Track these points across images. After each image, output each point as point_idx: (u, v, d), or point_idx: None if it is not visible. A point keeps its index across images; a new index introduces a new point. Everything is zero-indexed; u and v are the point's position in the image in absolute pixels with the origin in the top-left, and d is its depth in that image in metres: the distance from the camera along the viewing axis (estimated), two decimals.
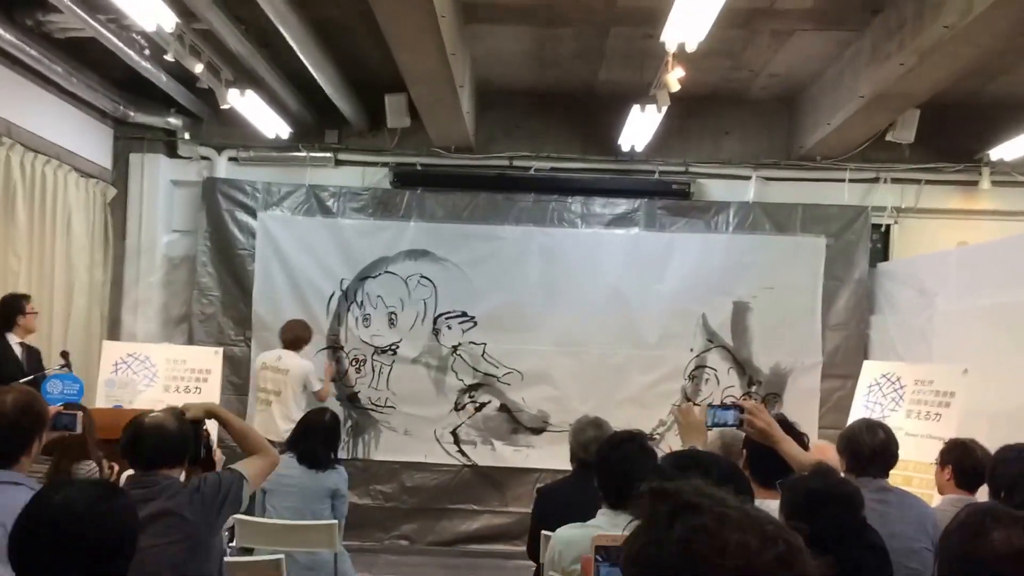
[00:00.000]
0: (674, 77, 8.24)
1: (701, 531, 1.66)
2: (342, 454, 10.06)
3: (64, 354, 8.85)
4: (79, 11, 8.01)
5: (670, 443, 9.94)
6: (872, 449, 5.28)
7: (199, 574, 4.26)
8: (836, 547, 3.69)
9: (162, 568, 3.76)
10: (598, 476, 4.69)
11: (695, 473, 3.05)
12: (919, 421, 8.83)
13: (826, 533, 3.69)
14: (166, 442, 4.39)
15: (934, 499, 7.08)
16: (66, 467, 5.85)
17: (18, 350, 8.61)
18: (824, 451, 6.06)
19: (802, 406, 10.60)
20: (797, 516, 3.82)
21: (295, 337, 10.09)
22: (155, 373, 9.96)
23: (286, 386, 9.88)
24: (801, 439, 5.06)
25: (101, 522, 2.94)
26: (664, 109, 9.07)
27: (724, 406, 4.57)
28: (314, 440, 7.00)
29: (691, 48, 7.42)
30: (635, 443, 4.73)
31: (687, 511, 1.70)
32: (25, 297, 8.79)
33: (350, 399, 11.08)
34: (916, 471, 8.35)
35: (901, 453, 6.37)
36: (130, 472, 4.60)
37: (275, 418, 9.75)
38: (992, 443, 5.82)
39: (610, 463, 4.64)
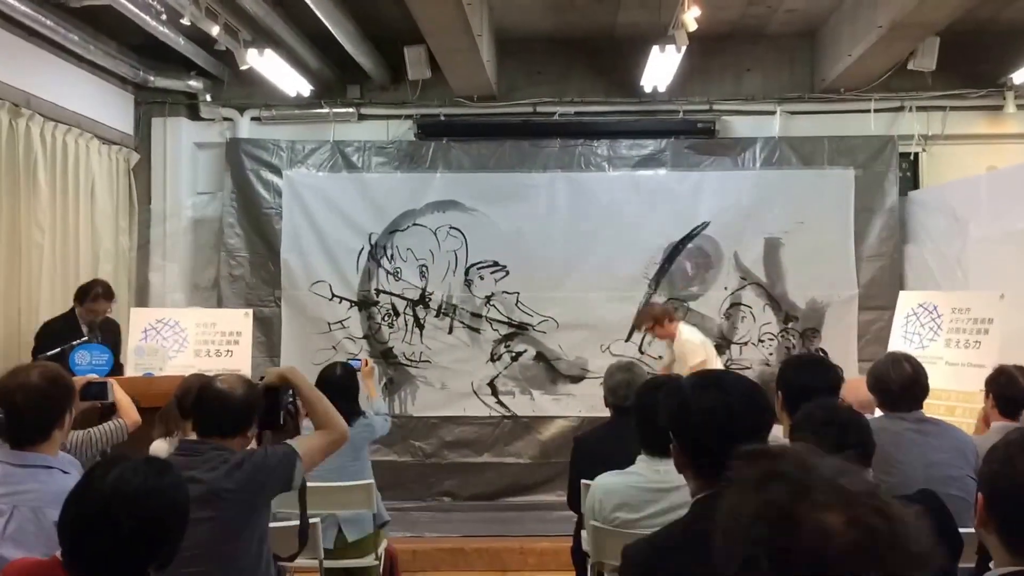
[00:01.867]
0: (691, 16, 8.26)
1: (773, 506, 1.59)
2: None
3: (91, 323, 8.87)
4: None
5: None
6: (900, 384, 5.24)
7: (232, 555, 4.16)
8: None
9: (187, 545, 3.49)
10: (635, 423, 4.71)
11: (714, 391, 3.17)
12: (959, 350, 8.77)
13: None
14: (224, 411, 4.33)
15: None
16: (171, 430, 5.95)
17: (85, 328, 8.66)
18: (857, 388, 6.06)
19: (841, 340, 10.65)
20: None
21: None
22: (185, 338, 9.78)
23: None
24: (836, 372, 5.06)
25: (152, 501, 2.93)
26: (683, 49, 9.07)
27: None
28: (333, 396, 6.88)
29: None
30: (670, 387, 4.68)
31: (770, 480, 1.64)
32: (101, 289, 8.90)
33: (384, 355, 11.01)
34: (959, 400, 8.35)
35: (942, 383, 6.40)
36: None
37: None
38: None
39: (645, 409, 4.58)
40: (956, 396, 8.36)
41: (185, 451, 4.29)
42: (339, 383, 6.83)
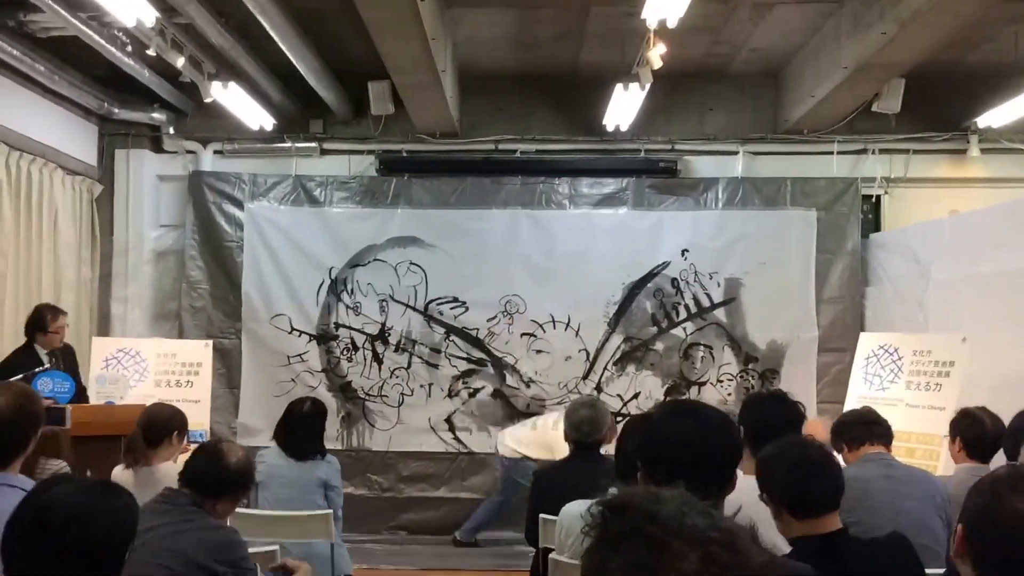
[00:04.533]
0: (656, 53, 8.29)
1: (636, 567, 1.67)
2: (337, 445, 10.36)
3: (53, 352, 8.86)
4: (60, 10, 8.05)
5: None
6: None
7: None
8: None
9: None
10: (616, 452, 4.82)
11: (685, 419, 3.16)
12: (919, 392, 8.85)
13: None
14: (221, 475, 4.52)
15: (939, 470, 7.08)
16: (31, 463, 5.73)
17: (45, 359, 8.66)
18: (815, 428, 6.08)
19: (800, 381, 10.60)
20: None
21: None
22: (146, 368, 10.01)
23: None
24: (798, 409, 5.00)
25: (92, 521, 2.89)
26: (647, 87, 9.16)
27: None
28: (297, 429, 6.91)
29: (672, 24, 7.51)
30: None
31: (627, 539, 1.72)
32: (53, 311, 8.89)
33: (342, 389, 11.07)
34: (919, 442, 8.45)
35: (902, 425, 6.40)
36: None
37: None
38: (994, 411, 5.85)
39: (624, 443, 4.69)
40: (917, 438, 8.46)
41: (163, 499, 4.43)
42: (306, 418, 6.94)
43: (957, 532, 2.63)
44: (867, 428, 5.59)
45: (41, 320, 8.72)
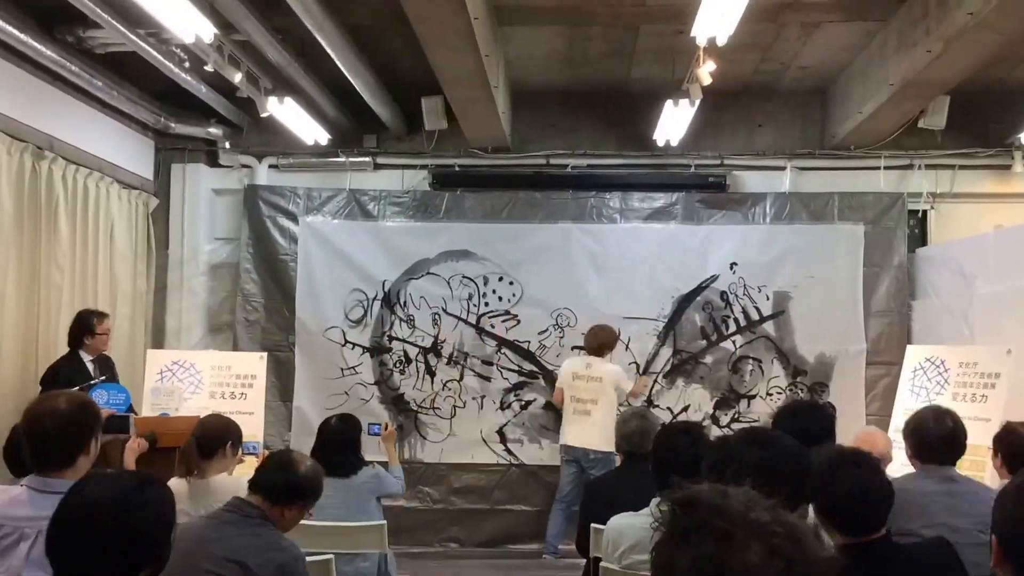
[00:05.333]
0: (706, 70, 8.37)
1: (702, 559, 1.75)
2: None
3: (108, 361, 9.00)
4: (119, 26, 8.09)
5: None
6: (939, 438, 5.20)
7: None
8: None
9: None
10: (653, 465, 4.73)
11: (758, 448, 3.24)
12: (965, 403, 8.73)
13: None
14: (291, 483, 4.59)
15: (986, 479, 7.10)
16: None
17: (90, 366, 8.69)
18: (873, 439, 6.06)
19: (849, 394, 10.67)
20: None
21: (599, 345, 10.29)
22: (200, 380, 9.98)
23: (601, 392, 10.05)
24: (830, 414, 5.26)
25: (131, 514, 2.92)
26: (697, 103, 9.20)
27: None
28: (328, 447, 6.91)
29: (721, 41, 7.58)
30: (690, 435, 4.75)
31: (694, 532, 1.79)
32: (98, 315, 8.90)
33: (395, 401, 11.10)
34: (967, 453, 8.32)
35: None
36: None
37: (596, 426, 9.95)
38: None
39: (665, 453, 4.68)
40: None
41: (234, 509, 4.47)
42: (335, 434, 6.97)
43: (992, 543, 2.64)
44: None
45: (87, 324, 8.77)
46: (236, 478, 5.93)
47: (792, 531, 1.78)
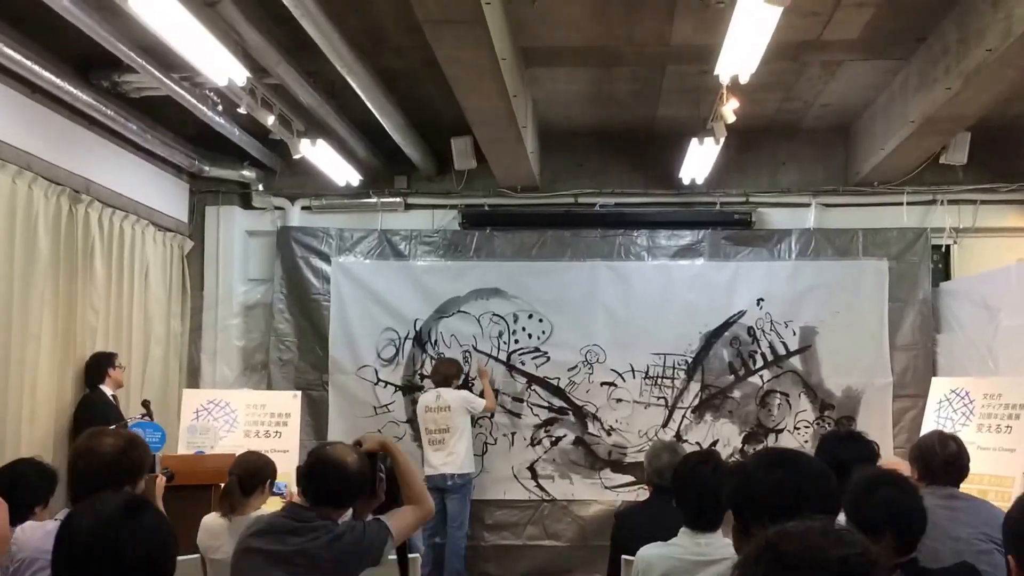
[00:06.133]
0: (729, 108, 8.43)
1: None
2: None
3: (145, 403, 9.14)
4: (154, 71, 8.19)
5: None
6: (944, 460, 5.33)
7: None
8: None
9: None
10: (676, 497, 4.74)
11: (781, 470, 3.15)
12: (990, 434, 8.89)
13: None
14: (340, 482, 4.43)
15: None
16: None
17: (111, 399, 9.00)
18: (898, 468, 6.14)
19: (876, 427, 10.57)
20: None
21: (443, 377, 10.46)
22: (235, 418, 10.14)
23: (451, 420, 10.22)
24: (873, 447, 5.30)
25: (125, 537, 2.85)
26: (721, 141, 9.26)
27: None
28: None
29: (744, 80, 7.63)
30: (708, 465, 4.75)
31: (769, 556, 1.86)
32: (105, 354, 9.29)
33: None
34: (991, 484, 8.43)
35: (975, 467, 6.35)
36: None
37: (452, 454, 10.18)
38: None
39: (686, 483, 4.69)
40: (989, 480, 8.47)
41: (293, 516, 4.42)
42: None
43: (1010, 562, 2.74)
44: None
45: (106, 361, 9.16)
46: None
47: (859, 560, 1.83)
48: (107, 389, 9.05)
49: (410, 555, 6.31)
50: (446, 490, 10.08)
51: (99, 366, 9.09)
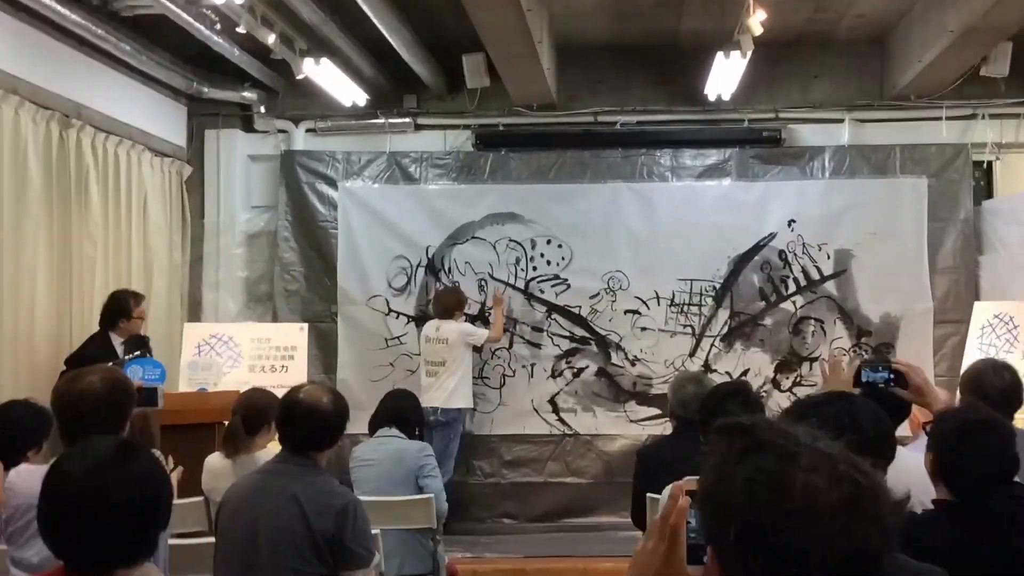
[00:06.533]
0: (756, 20, 8.33)
1: (764, 471, 1.73)
2: None
3: (143, 339, 8.87)
4: None
5: (778, 400, 10.21)
6: (1000, 391, 5.11)
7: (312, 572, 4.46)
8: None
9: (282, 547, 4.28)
10: (704, 431, 4.73)
11: (838, 401, 3.24)
12: None
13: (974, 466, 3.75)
14: (319, 425, 4.62)
15: None
16: None
17: (120, 349, 8.62)
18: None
19: (916, 355, 10.22)
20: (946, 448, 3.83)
21: (443, 308, 10.35)
22: (239, 353, 10.12)
23: (448, 353, 10.11)
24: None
25: (108, 487, 2.85)
26: (749, 55, 9.07)
27: (876, 367, 4.38)
28: (382, 418, 7.22)
29: None
30: (740, 397, 4.87)
31: (754, 450, 1.78)
32: (135, 296, 8.91)
33: None
34: None
35: None
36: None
37: (442, 388, 10.09)
38: None
39: (714, 420, 4.42)
40: None
41: (289, 461, 4.65)
42: (394, 403, 7.35)
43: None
44: None
45: (124, 306, 8.76)
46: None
47: (860, 465, 1.76)
48: (117, 336, 8.72)
49: (424, 495, 6.80)
50: (434, 421, 9.94)
51: (113, 312, 8.79)
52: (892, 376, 4.28)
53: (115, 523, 2.82)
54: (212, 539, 4.69)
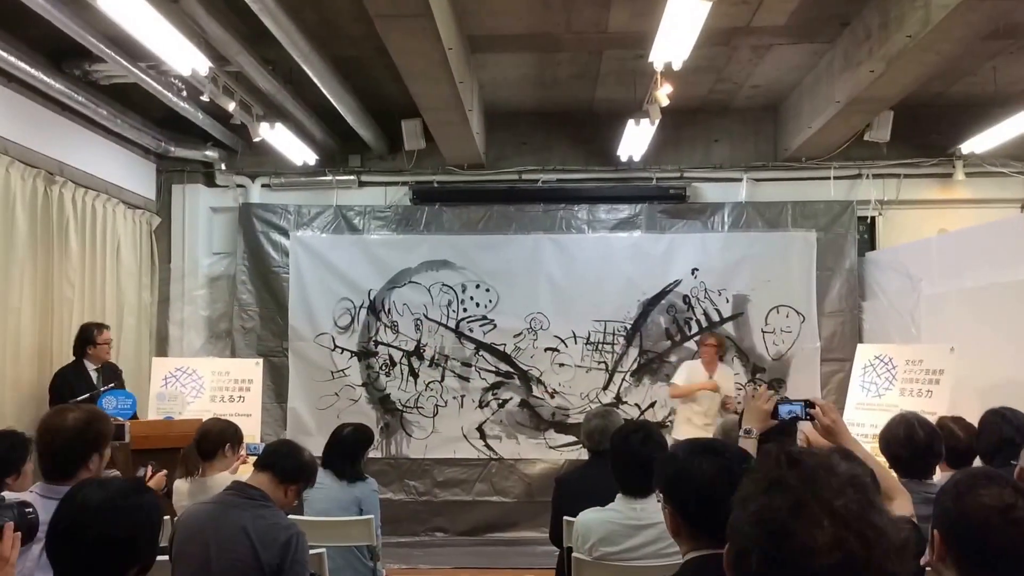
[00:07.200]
0: (663, 93, 8.70)
1: (773, 512, 1.76)
2: (376, 453, 10.76)
3: (117, 371, 9.41)
4: (121, 60, 8.56)
5: (676, 434, 10.32)
6: (912, 452, 4.97)
7: None
8: None
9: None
10: (612, 466, 4.88)
11: (711, 457, 3.19)
12: (912, 399, 9.13)
13: None
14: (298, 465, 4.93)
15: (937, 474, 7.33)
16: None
17: (93, 375, 9.13)
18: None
19: (805, 389, 10.92)
20: None
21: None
22: (202, 385, 10.44)
23: None
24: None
25: (119, 518, 3.02)
26: (656, 122, 9.53)
27: (792, 401, 4.33)
28: (336, 453, 7.04)
29: (677, 66, 7.92)
30: (640, 434, 4.86)
31: (776, 487, 1.80)
32: (99, 327, 9.33)
33: (381, 401, 11.61)
34: None
35: None
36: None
37: None
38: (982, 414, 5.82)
39: (619, 453, 4.86)
40: None
41: (237, 492, 4.73)
42: (347, 443, 7.10)
43: (935, 538, 2.77)
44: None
45: (89, 335, 9.19)
46: (236, 476, 6.18)
47: (875, 520, 1.74)
48: (90, 364, 9.15)
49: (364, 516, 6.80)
50: None
51: (81, 342, 9.20)
52: (808, 414, 4.21)
53: (121, 550, 3.01)
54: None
